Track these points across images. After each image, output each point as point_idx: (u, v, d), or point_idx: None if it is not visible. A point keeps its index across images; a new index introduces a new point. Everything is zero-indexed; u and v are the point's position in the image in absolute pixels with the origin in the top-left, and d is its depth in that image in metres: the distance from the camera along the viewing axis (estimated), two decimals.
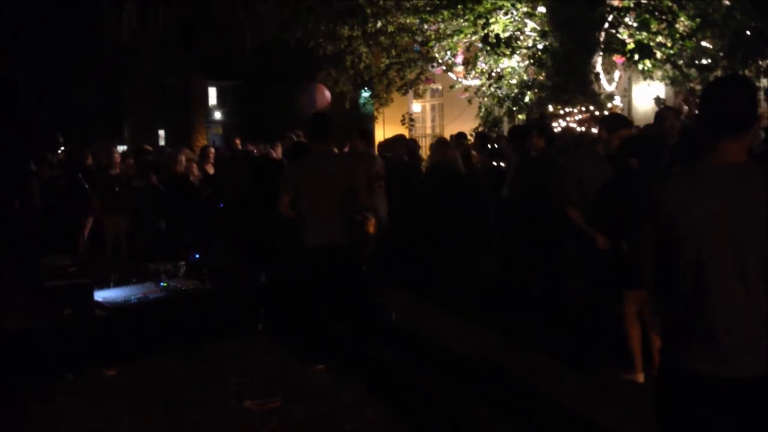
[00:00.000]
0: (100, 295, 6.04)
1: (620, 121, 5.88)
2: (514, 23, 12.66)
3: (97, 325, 5.69)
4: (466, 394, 5.04)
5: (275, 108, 32.76)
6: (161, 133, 41.36)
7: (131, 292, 6.25)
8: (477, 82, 14.11)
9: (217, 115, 46.69)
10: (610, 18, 11.72)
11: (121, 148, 27.09)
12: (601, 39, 11.84)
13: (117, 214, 9.31)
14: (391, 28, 14.49)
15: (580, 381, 5.13)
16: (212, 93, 45.60)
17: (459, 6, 12.50)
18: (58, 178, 9.99)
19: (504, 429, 4.49)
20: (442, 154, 8.35)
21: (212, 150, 11.32)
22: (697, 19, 11.16)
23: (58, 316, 5.60)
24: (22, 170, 7.22)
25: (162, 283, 6.54)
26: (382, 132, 18.67)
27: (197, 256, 7.29)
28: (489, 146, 9.32)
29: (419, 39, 14.72)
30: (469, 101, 14.32)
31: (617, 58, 12.13)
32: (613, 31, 11.93)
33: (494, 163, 8.45)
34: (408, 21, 14.28)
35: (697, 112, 2.62)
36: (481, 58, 13.45)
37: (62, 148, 7.92)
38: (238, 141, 12.62)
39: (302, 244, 5.49)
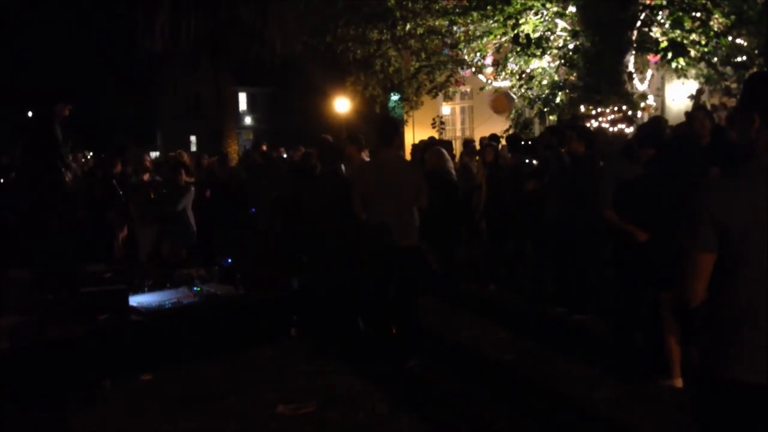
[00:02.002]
0: (135, 300, 6.10)
1: (648, 140, 5.66)
2: (545, 23, 12.55)
3: (133, 330, 5.74)
4: (501, 403, 4.97)
5: (305, 113, 32.96)
6: (193, 139, 41.84)
7: (165, 297, 6.30)
8: (507, 84, 14.01)
9: (248, 120, 47.02)
10: (642, 16, 11.56)
11: (154, 155, 27.46)
12: (634, 38, 11.69)
13: (152, 220, 9.39)
14: (420, 31, 14.47)
15: (617, 388, 5.03)
16: (242, 99, 45.92)
17: (488, 7, 12.41)
18: (92, 185, 10.15)
19: None
20: (435, 163, 8.30)
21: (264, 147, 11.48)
22: (732, 17, 10.96)
23: (94, 322, 5.66)
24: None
25: (195, 288, 6.58)
26: (412, 135, 18.67)
27: (230, 261, 7.34)
28: (522, 143, 9.20)
29: (449, 41, 14.66)
30: None
31: (651, 57, 11.96)
32: (646, 29, 11.77)
33: (526, 161, 8.34)
34: (437, 23, 14.24)
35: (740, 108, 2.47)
36: (511, 59, 13.35)
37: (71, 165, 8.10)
38: (264, 146, 12.72)
39: (371, 246, 5.62)
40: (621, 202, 5.27)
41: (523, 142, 9.22)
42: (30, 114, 7.73)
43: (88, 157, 11.19)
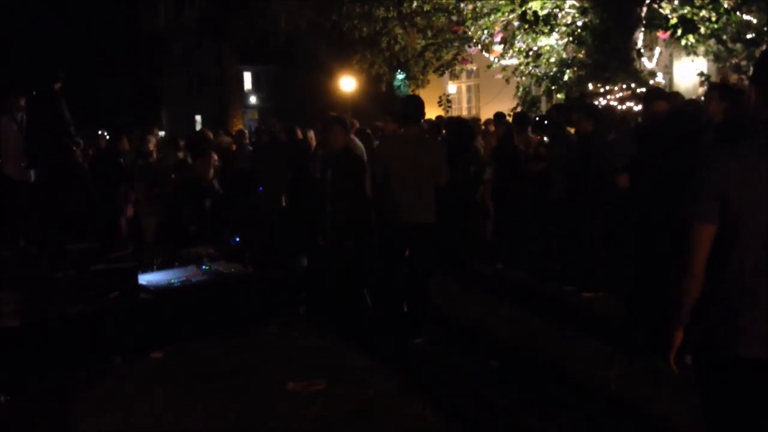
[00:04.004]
0: (144, 279, 6.11)
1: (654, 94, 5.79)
2: (553, 0, 12.42)
3: (142, 308, 5.76)
4: (509, 380, 4.97)
5: (311, 92, 32.82)
6: (198, 118, 41.75)
7: (174, 276, 6.31)
8: (514, 62, 13.90)
9: (253, 99, 46.87)
10: None
11: (160, 134, 27.36)
12: (643, 15, 11.57)
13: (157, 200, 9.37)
14: (427, 8, 14.34)
15: (627, 366, 5.03)
16: (247, 78, 45.76)
17: None
18: (98, 164, 10.16)
19: (551, 417, 4.40)
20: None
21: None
22: None
23: (104, 300, 5.68)
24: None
25: (204, 267, 6.59)
26: None
27: (237, 239, 7.35)
28: (536, 120, 9.17)
29: (456, 18, 14.53)
30: (507, 81, 14.12)
31: (661, 34, 11.85)
32: (655, 6, 11.65)
33: (544, 139, 8.32)
34: (444, 0, 14.10)
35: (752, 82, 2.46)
36: (518, 37, 13.24)
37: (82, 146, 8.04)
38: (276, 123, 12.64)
39: (389, 222, 5.63)
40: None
41: (538, 119, 9.18)
42: (32, 93, 7.70)
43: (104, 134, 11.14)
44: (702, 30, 11.08)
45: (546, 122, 8.53)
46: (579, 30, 11.97)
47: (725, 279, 2.33)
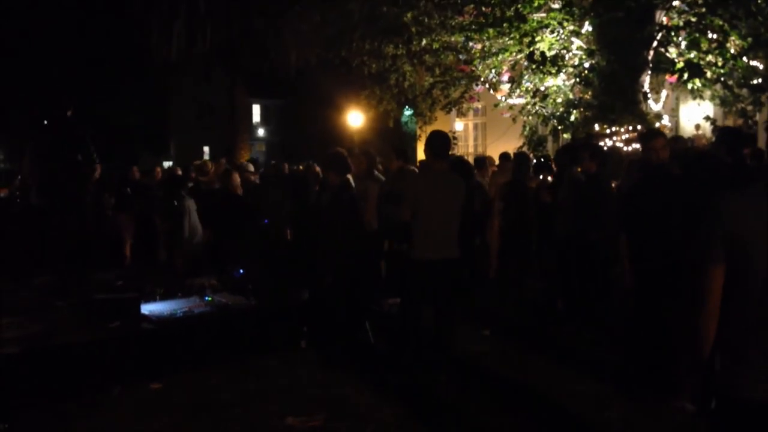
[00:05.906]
0: (146, 309, 6.11)
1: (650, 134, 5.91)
2: (561, 42, 12.54)
3: (144, 338, 5.74)
4: (509, 418, 4.93)
5: (318, 126, 33.07)
6: (206, 149, 42.01)
7: (177, 306, 6.31)
8: (521, 101, 13.99)
9: (261, 132, 47.19)
10: (658, 37, 11.56)
11: (167, 164, 27.58)
12: (650, 58, 11.68)
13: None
14: (435, 46, 14.48)
15: (628, 408, 4.98)
16: (256, 110, 46.13)
17: (505, 24, 12.41)
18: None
19: None
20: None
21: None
22: (749, 39, 10.94)
23: (105, 329, 5.67)
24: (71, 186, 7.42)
25: (207, 298, 6.59)
26: None
27: (242, 271, 7.35)
28: (535, 161, 9.23)
29: (464, 57, 14.66)
30: (514, 120, 14.22)
31: (669, 78, 11.95)
32: (662, 50, 11.76)
33: (541, 177, 8.35)
34: (453, 39, 14.25)
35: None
36: (526, 77, 13.35)
37: (98, 167, 8.01)
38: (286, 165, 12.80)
39: (415, 257, 5.57)
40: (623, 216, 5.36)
41: (538, 160, 9.23)
42: (44, 120, 7.79)
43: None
44: (708, 74, 11.18)
45: (542, 161, 8.59)
46: (586, 71, 12.07)
47: (735, 321, 2.33)
